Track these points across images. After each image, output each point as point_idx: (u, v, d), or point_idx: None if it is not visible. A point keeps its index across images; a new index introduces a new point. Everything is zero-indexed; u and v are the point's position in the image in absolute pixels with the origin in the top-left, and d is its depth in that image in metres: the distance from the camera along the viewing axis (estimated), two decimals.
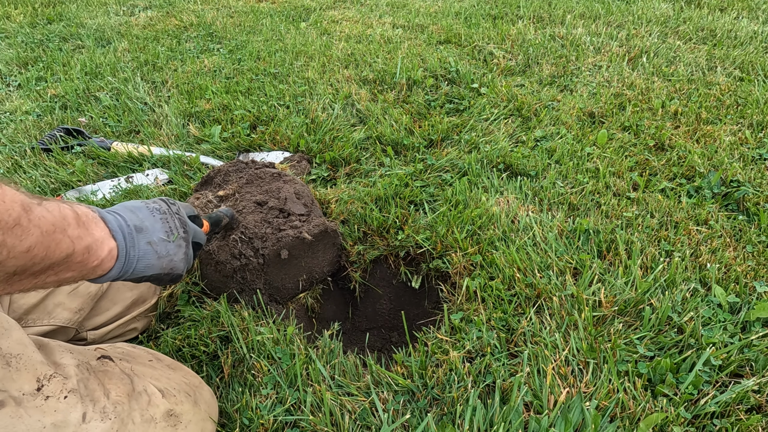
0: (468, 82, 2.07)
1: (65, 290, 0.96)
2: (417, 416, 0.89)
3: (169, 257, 0.76)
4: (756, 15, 2.81)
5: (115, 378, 0.74)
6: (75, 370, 0.71)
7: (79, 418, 0.67)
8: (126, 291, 1.05)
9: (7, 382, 0.64)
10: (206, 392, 0.85)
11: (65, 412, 0.66)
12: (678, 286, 1.10)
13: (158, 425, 0.73)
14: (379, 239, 1.31)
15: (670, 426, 0.84)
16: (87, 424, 0.67)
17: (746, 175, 1.44)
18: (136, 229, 0.72)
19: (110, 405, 0.70)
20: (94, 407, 0.69)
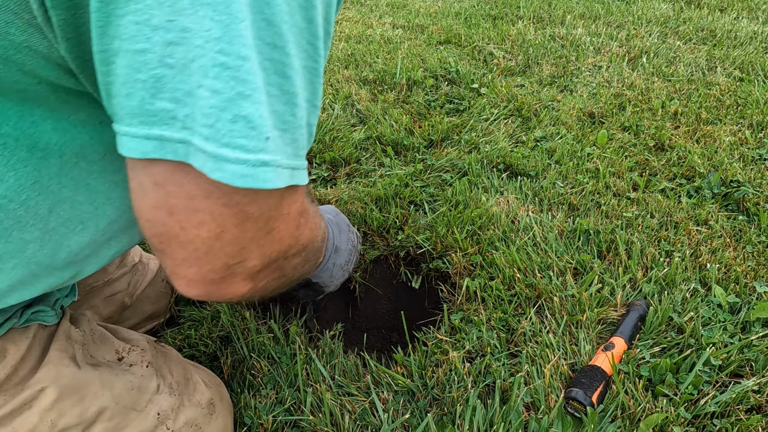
0: (468, 82, 2.08)
1: (104, 293, 0.97)
2: (417, 416, 0.89)
3: (333, 280, 0.87)
4: (756, 15, 2.81)
5: (173, 361, 0.80)
6: (147, 345, 0.77)
7: (155, 387, 0.73)
8: (148, 305, 1.06)
9: (94, 352, 0.70)
10: (225, 391, 0.88)
11: (147, 378, 0.73)
12: (678, 286, 1.10)
13: (203, 410, 0.77)
14: (379, 239, 1.32)
15: (670, 426, 0.84)
16: (159, 395, 0.73)
17: (746, 175, 1.44)
18: (334, 249, 0.84)
19: (174, 383, 0.76)
20: (163, 382, 0.75)
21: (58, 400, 0.63)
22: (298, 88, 0.43)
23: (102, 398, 0.67)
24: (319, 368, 0.96)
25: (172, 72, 0.36)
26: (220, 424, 0.81)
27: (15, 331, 0.62)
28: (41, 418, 0.62)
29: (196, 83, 0.37)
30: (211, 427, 0.79)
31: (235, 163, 0.38)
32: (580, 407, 0.85)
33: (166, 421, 0.73)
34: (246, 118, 0.38)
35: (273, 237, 0.49)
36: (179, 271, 0.47)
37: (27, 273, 0.55)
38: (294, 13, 0.40)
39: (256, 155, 0.39)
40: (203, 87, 0.37)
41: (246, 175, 0.39)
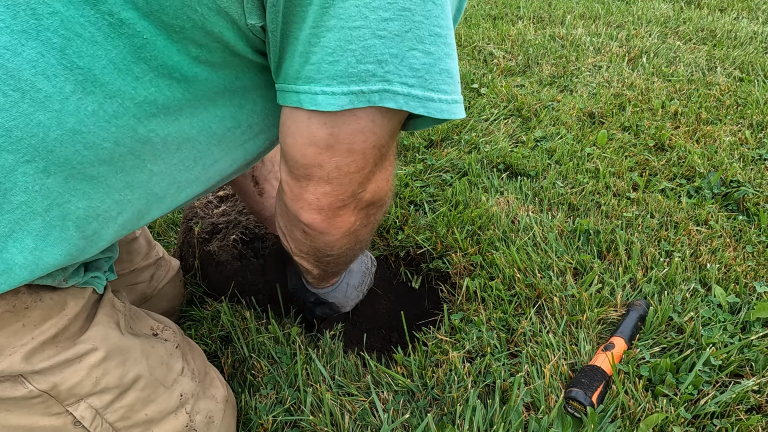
0: (468, 82, 2.08)
1: (127, 281, 0.99)
2: (417, 416, 0.89)
3: (348, 300, 0.96)
4: (756, 15, 2.81)
5: (196, 351, 0.82)
6: (177, 329, 0.80)
7: (180, 368, 0.75)
8: (165, 302, 1.07)
9: (133, 325, 0.74)
10: (232, 394, 0.89)
11: (175, 357, 0.75)
12: (678, 286, 1.10)
13: (218, 405, 0.79)
14: (379, 239, 1.32)
15: (670, 426, 0.84)
16: (183, 377, 0.75)
17: (746, 175, 1.44)
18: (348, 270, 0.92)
19: (196, 370, 0.78)
20: (187, 366, 0.77)
21: (105, 359, 0.66)
22: (452, 39, 0.56)
23: (140, 365, 0.69)
24: (319, 368, 0.96)
25: (382, 41, 0.49)
26: (228, 423, 0.82)
27: (75, 289, 0.65)
28: (88, 374, 0.64)
29: (409, 47, 0.50)
30: (223, 424, 0.80)
31: (438, 102, 0.53)
32: (580, 407, 0.85)
33: (185, 405, 0.74)
34: (448, 71, 0.53)
35: (385, 173, 0.64)
36: (316, 201, 0.61)
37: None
38: None
39: (452, 96, 0.54)
40: (417, 50, 0.50)
41: (444, 110, 0.54)
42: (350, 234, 0.69)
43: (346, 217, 0.65)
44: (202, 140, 0.61)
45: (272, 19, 0.51)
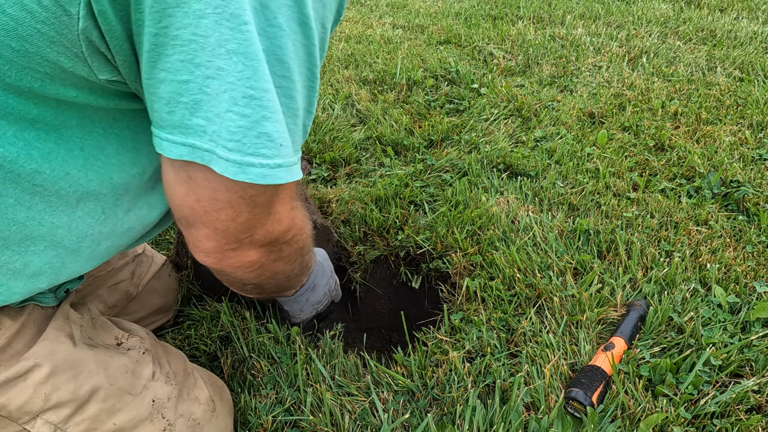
0: (468, 82, 2.08)
1: (107, 283, 0.98)
2: (417, 416, 0.89)
3: (302, 313, 0.97)
4: (756, 15, 2.81)
5: (173, 354, 0.82)
6: (146, 335, 0.79)
7: (150, 374, 0.75)
8: (156, 298, 1.07)
9: (93, 335, 0.73)
10: (227, 393, 0.89)
11: (142, 364, 0.74)
12: (678, 286, 1.10)
13: (201, 406, 0.78)
14: (379, 239, 1.32)
15: (670, 426, 0.84)
16: (155, 382, 0.74)
17: (746, 175, 1.44)
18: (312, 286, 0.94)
19: (172, 373, 0.77)
20: (160, 370, 0.76)
21: (52, 374, 0.65)
22: (299, 103, 0.56)
23: (96, 377, 0.68)
24: (319, 368, 0.96)
25: (208, 98, 0.49)
26: (221, 425, 0.81)
27: (10, 308, 0.64)
28: (35, 391, 0.64)
29: (226, 108, 0.49)
30: (211, 426, 0.79)
31: (259, 167, 0.52)
32: (580, 407, 0.85)
33: (161, 410, 0.73)
34: (267, 135, 0.51)
35: (274, 217, 0.62)
36: (200, 245, 0.60)
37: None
38: (298, 50, 0.53)
39: (274, 160, 0.52)
40: (232, 112, 0.49)
41: (267, 175, 0.52)
42: (258, 269, 0.67)
43: (242, 257, 0.63)
44: (105, 192, 0.61)
45: (123, 72, 0.52)
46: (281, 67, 0.51)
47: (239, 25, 0.47)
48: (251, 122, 0.50)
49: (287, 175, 0.54)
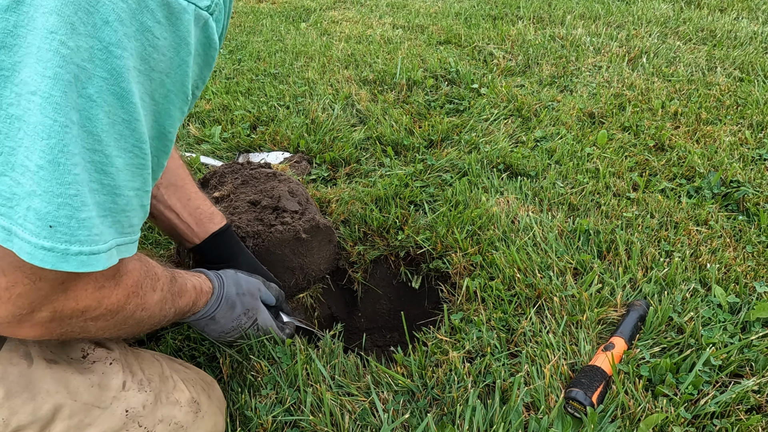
0: (468, 82, 2.08)
1: None
2: (417, 416, 0.89)
3: (203, 332, 0.94)
4: (756, 15, 2.81)
5: (147, 360, 0.80)
6: (115, 346, 0.78)
7: (120, 384, 0.73)
8: None
9: (57, 351, 0.72)
10: (217, 390, 0.88)
11: (109, 375, 0.73)
12: (678, 287, 1.10)
13: (183, 409, 0.77)
14: (379, 239, 1.32)
15: (670, 426, 0.84)
16: (126, 392, 0.73)
17: (746, 175, 1.44)
18: (210, 317, 0.90)
19: (146, 380, 0.76)
20: (132, 378, 0.75)
21: (6, 398, 0.63)
22: (120, 180, 0.53)
23: (56, 395, 0.67)
24: (319, 368, 0.96)
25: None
26: (208, 424, 0.80)
27: None
28: None
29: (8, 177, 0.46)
30: (196, 426, 0.77)
31: (31, 245, 0.48)
32: (580, 407, 0.85)
33: (137, 419, 0.72)
34: (36, 211, 0.47)
35: (68, 296, 0.58)
36: None
37: None
38: (116, 124, 0.50)
39: (55, 243, 0.49)
40: (7, 176, 0.47)
41: (42, 258, 0.49)
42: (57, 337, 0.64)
43: (25, 332, 0.59)
44: None
45: None
46: (91, 139, 0.49)
47: (26, 93, 0.45)
48: (25, 193, 0.47)
49: (77, 265, 0.51)
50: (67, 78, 0.45)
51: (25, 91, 0.45)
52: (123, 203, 0.55)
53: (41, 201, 0.47)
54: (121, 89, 0.49)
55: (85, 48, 0.46)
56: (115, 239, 0.55)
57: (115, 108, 0.49)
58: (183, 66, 0.55)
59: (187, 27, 0.53)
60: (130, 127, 0.52)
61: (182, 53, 0.54)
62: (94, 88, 0.47)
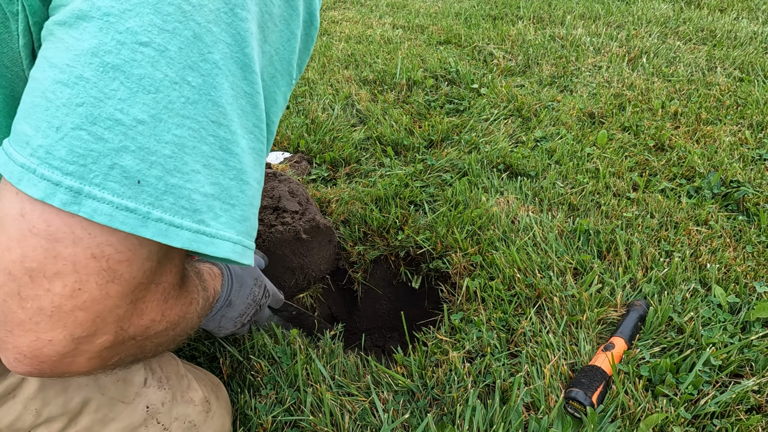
0: (468, 82, 2.08)
1: None
2: (417, 416, 0.89)
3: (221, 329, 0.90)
4: (756, 15, 2.81)
5: (165, 357, 0.80)
6: None
7: (142, 381, 0.73)
8: None
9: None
10: (224, 391, 0.88)
11: (132, 371, 0.72)
12: (678, 287, 1.10)
13: (196, 408, 0.77)
14: (379, 239, 1.32)
15: (670, 426, 0.84)
16: (147, 389, 0.73)
17: (746, 175, 1.44)
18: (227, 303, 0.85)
19: (164, 377, 0.76)
20: (152, 375, 0.74)
21: (41, 389, 0.64)
22: (246, 165, 0.47)
23: (86, 389, 0.67)
24: (319, 368, 0.96)
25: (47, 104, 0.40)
26: (217, 424, 0.81)
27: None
28: (25, 407, 0.63)
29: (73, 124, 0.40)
30: (207, 426, 0.78)
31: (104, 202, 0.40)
32: (580, 407, 0.85)
33: (156, 415, 0.73)
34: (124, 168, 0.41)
35: (136, 308, 0.47)
36: (8, 339, 0.41)
37: None
38: (239, 97, 0.45)
39: (124, 201, 0.41)
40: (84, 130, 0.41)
41: (111, 215, 0.40)
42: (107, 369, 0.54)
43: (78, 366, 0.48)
44: None
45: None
46: (216, 111, 0.43)
47: (132, 43, 0.40)
48: (110, 149, 0.40)
49: (154, 232, 0.41)
50: (187, 35, 0.41)
51: (131, 40, 0.39)
52: (251, 195, 0.48)
53: (134, 158, 0.40)
54: (245, 57, 0.44)
55: (210, 8, 0.42)
56: (241, 238, 0.48)
57: (239, 79, 0.44)
58: (292, 41, 0.50)
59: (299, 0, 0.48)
60: (251, 102, 0.46)
61: (293, 25, 0.49)
62: (220, 53, 0.42)
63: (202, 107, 0.42)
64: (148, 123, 0.41)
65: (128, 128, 0.40)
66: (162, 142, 0.41)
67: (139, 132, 0.40)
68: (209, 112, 0.43)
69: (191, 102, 0.42)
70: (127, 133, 0.40)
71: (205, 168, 0.44)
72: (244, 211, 0.48)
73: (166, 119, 0.41)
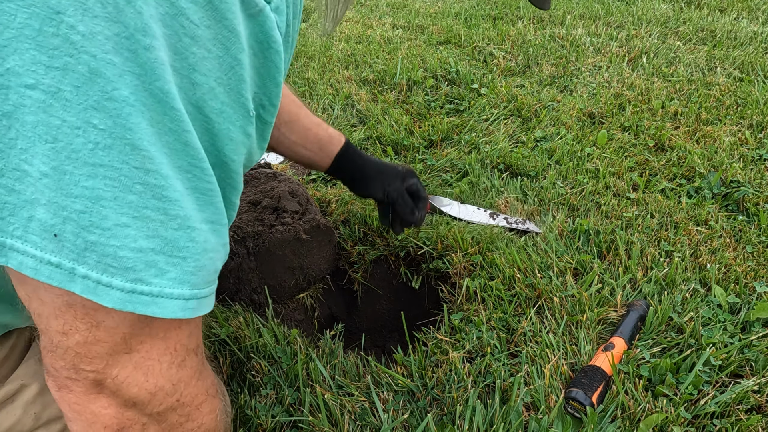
0: (468, 82, 2.08)
1: None
2: (417, 416, 0.89)
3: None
4: (756, 16, 2.81)
5: None
6: None
7: None
8: None
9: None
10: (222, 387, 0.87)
11: None
12: (678, 287, 1.10)
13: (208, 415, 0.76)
14: (379, 239, 1.31)
15: (670, 426, 0.84)
16: None
17: (746, 175, 1.44)
18: None
19: None
20: None
21: (40, 393, 0.64)
22: (188, 210, 0.42)
23: None
24: (319, 368, 0.96)
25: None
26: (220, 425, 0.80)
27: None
28: (25, 411, 0.63)
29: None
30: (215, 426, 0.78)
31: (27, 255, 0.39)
32: (580, 407, 0.85)
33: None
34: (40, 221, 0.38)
35: (133, 361, 0.47)
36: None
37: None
38: (163, 135, 0.39)
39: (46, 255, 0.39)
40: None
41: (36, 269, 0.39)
42: None
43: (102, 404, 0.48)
44: None
45: None
46: (137, 155, 0.38)
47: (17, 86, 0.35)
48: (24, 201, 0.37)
49: (82, 289, 0.40)
50: (82, 71, 0.35)
51: (16, 83, 0.35)
52: (202, 240, 0.43)
53: (46, 211, 0.38)
54: (159, 90, 0.38)
55: (106, 35, 0.35)
56: (197, 291, 0.44)
57: (158, 114, 0.38)
58: (237, 68, 0.42)
59: (232, 10, 0.40)
60: (180, 140, 0.40)
61: (233, 50, 0.42)
62: (128, 88, 0.37)
63: (117, 153, 0.37)
64: (51, 176, 0.37)
65: (35, 180, 0.37)
66: (71, 196, 0.38)
67: (45, 185, 0.37)
68: (129, 158, 0.38)
69: (103, 148, 0.37)
70: (35, 185, 0.37)
71: (137, 220, 0.39)
72: (198, 261, 0.43)
73: (71, 171, 0.37)
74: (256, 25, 0.43)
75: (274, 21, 0.44)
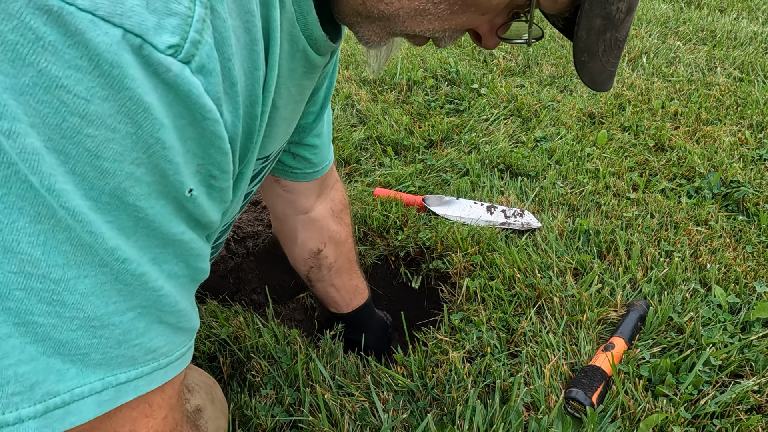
0: (468, 82, 2.08)
1: None
2: (417, 416, 0.89)
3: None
4: (756, 16, 2.81)
5: None
6: None
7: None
8: None
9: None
10: (219, 391, 0.87)
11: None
12: (678, 287, 1.10)
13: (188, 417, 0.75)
14: (379, 239, 1.31)
15: (670, 426, 0.84)
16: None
17: (746, 175, 1.44)
18: None
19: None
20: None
21: None
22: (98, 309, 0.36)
23: None
24: (319, 368, 0.96)
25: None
26: (211, 429, 0.79)
27: None
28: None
29: None
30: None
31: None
32: (580, 407, 0.85)
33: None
34: None
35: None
36: None
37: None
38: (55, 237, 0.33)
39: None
40: None
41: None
42: None
43: None
44: None
45: None
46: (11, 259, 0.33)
47: None
48: None
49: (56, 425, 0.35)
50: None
51: None
52: (116, 334, 0.38)
53: None
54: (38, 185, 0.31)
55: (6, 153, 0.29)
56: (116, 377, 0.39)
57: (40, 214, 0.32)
58: (156, 147, 0.35)
59: (131, 76, 0.32)
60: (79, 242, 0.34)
61: (147, 126, 0.34)
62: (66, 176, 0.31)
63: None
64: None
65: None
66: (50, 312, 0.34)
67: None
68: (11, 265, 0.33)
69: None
70: None
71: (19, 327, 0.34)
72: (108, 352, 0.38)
73: None
74: (176, 93, 0.34)
75: (199, 85, 0.35)
